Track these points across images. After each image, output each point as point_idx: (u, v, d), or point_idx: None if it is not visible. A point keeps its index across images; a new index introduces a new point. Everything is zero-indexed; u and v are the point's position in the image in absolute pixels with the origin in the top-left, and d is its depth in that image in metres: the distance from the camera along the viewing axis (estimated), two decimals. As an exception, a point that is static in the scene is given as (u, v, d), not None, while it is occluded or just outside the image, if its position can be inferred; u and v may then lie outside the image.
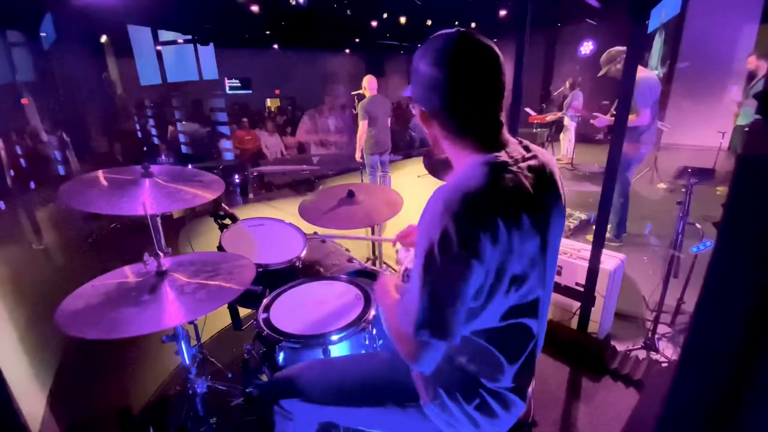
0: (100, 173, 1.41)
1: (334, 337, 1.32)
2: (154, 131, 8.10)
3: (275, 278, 1.69)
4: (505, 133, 0.87)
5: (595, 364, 2.12)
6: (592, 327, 2.30)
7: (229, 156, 7.26)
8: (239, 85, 10.25)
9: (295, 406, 1.10)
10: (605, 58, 3.38)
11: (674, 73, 7.51)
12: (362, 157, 4.52)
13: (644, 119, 3.18)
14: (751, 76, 4.37)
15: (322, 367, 1.15)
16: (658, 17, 7.59)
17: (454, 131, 0.85)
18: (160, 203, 1.33)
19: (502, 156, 0.82)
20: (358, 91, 4.45)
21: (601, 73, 3.41)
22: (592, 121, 3.64)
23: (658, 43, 8.03)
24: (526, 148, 0.89)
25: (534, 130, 7.30)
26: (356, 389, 1.06)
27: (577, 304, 2.34)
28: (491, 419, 0.94)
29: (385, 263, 2.81)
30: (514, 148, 0.86)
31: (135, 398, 1.98)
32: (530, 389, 1.01)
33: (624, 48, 3.14)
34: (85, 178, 1.38)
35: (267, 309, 1.47)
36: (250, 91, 10.08)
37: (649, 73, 3.23)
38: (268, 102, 11.36)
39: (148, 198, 1.32)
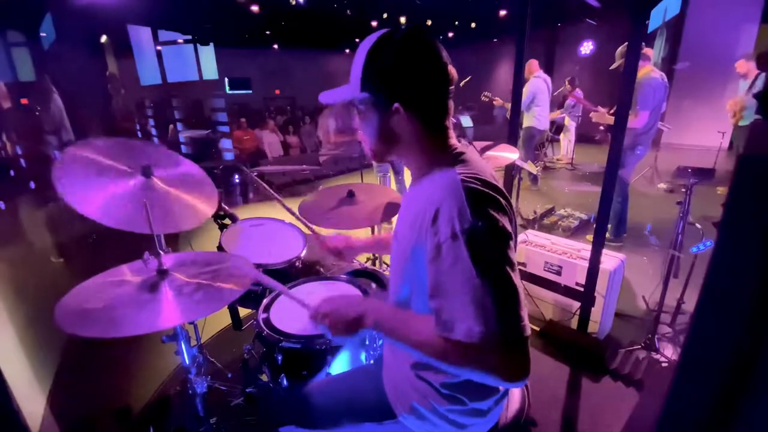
0: (100, 157, 1.33)
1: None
2: (154, 131, 8.10)
3: (275, 278, 1.68)
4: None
5: (595, 364, 2.12)
6: (592, 327, 2.30)
7: (229, 156, 7.27)
8: (239, 85, 10.24)
9: None
10: (620, 51, 3.36)
11: (674, 73, 7.51)
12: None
13: (641, 122, 3.15)
14: (747, 78, 4.40)
15: (312, 392, 1.15)
16: (659, 17, 7.59)
17: (432, 122, 0.85)
18: (161, 224, 1.30)
19: (467, 149, 0.88)
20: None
21: (613, 66, 3.39)
22: (591, 115, 3.63)
23: (659, 43, 8.04)
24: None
25: (534, 130, 7.29)
26: (336, 411, 1.06)
27: (577, 304, 2.34)
28: (475, 417, 0.93)
29: (385, 263, 2.81)
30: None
31: (135, 398, 1.98)
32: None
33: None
34: (81, 156, 1.32)
35: (267, 309, 1.47)
36: (250, 91, 10.07)
37: (655, 74, 3.17)
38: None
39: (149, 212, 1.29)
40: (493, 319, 0.66)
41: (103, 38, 6.99)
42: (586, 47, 8.71)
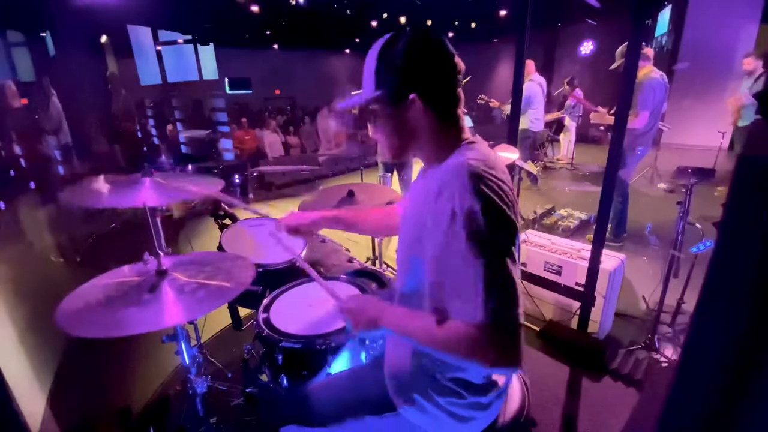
0: (101, 179, 1.40)
1: (335, 337, 1.32)
2: (154, 131, 8.10)
3: (275, 278, 1.69)
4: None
5: (595, 364, 2.12)
6: (592, 327, 2.30)
7: (229, 156, 7.26)
8: (239, 85, 10.24)
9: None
10: (620, 51, 3.35)
11: (674, 73, 7.52)
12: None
13: (641, 122, 3.14)
14: (750, 75, 4.38)
15: (312, 388, 1.16)
16: (665, 22, 7.60)
17: (446, 112, 0.87)
18: (162, 195, 1.33)
19: (476, 138, 0.90)
20: (359, 91, 4.44)
21: (613, 66, 3.37)
22: (591, 115, 3.63)
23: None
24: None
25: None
26: (336, 406, 1.07)
27: (577, 304, 2.34)
28: (476, 410, 0.93)
29: (385, 263, 2.81)
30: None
31: (135, 398, 1.98)
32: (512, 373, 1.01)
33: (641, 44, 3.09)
34: (87, 182, 1.37)
35: (267, 309, 1.47)
36: (250, 91, 10.08)
37: (656, 74, 3.15)
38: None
39: (149, 190, 1.32)
40: (483, 300, 0.68)
41: (103, 38, 6.99)
42: (586, 47, 8.71)
